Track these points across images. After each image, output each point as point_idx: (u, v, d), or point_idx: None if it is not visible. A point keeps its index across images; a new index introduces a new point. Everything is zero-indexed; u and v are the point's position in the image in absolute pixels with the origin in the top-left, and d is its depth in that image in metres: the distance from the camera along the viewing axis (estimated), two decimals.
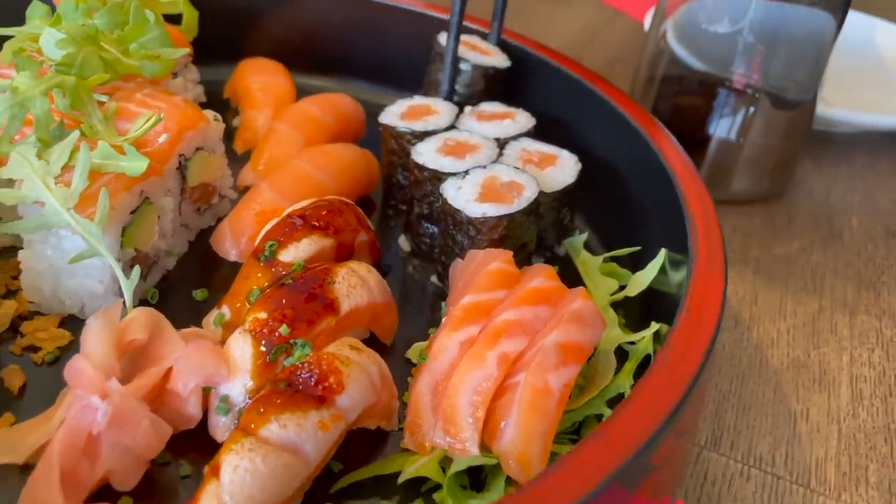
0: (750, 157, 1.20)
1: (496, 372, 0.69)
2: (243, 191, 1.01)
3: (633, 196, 0.95)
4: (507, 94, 1.08)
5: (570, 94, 1.06)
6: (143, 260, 0.84)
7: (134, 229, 0.81)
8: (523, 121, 1.00)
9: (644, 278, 0.84)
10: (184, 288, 0.89)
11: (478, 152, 0.92)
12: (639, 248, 0.90)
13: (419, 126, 0.97)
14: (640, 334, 0.78)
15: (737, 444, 0.83)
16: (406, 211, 0.97)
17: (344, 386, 0.65)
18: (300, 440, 0.62)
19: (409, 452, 0.71)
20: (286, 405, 0.63)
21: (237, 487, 0.58)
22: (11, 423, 0.71)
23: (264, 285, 0.77)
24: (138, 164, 0.77)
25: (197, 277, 0.91)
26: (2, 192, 0.75)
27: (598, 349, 0.78)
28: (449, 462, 0.68)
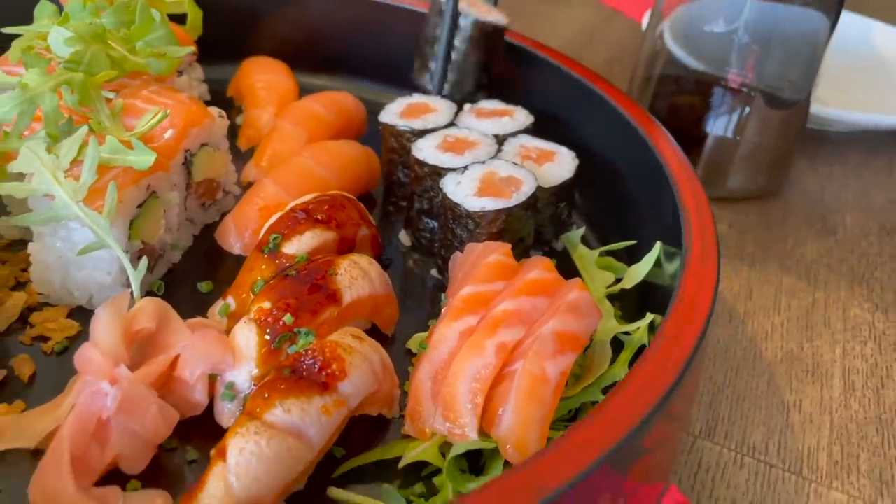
0: (745, 154, 1.21)
1: (494, 360, 0.71)
2: (247, 186, 1.03)
3: (630, 191, 0.97)
4: (506, 89, 1.10)
5: (568, 92, 1.07)
6: (150, 253, 0.86)
7: (141, 222, 0.83)
8: (522, 118, 1.02)
9: (639, 271, 0.86)
10: (189, 280, 0.90)
11: (477, 148, 0.94)
12: (634, 241, 0.92)
13: (418, 124, 0.99)
14: (635, 325, 0.80)
15: (731, 433, 0.85)
16: (406, 207, 0.99)
17: (346, 373, 0.67)
18: (304, 424, 0.63)
19: (409, 438, 0.72)
20: (290, 391, 0.64)
21: (243, 469, 0.60)
22: (22, 409, 0.73)
23: (268, 277, 0.79)
24: (146, 158, 0.79)
25: (202, 270, 0.93)
26: (13, 186, 0.77)
27: (594, 339, 0.80)
28: (448, 447, 0.69)
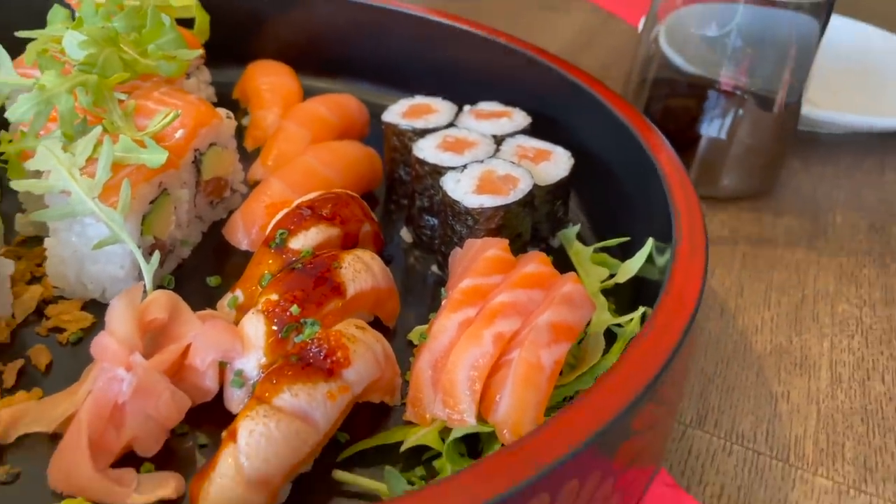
0: (738, 155, 1.24)
1: (492, 349, 0.74)
2: (253, 185, 1.06)
3: (624, 190, 1.00)
4: (504, 91, 1.13)
5: (564, 95, 1.10)
6: (161, 248, 0.89)
7: (153, 218, 0.86)
8: (520, 119, 1.06)
9: (632, 266, 0.89)
10: (198, 275, 0.94)
11: (476, 148, 0.98)
12: (628, 238, 0.95)
13: (420, 124, 1.03)
14: (627, 317, 0.83)
15: (720, 422, 0.88)
16: (407, 205, 1.03)
17: (350, 360, 0.70)
18: (310, 408, 0.67)
19: (410, 424, 0.76)
20: (297, 377, 0.68)
21: (253, 450, 0.64)
22: (39, 396, 0.76)
23: (275, 270, 0.83)
24: (158, 157, 0.82)
25: (210, 265, 0.96)
26: (31, 182, 0.81)
27: (588, 331, 0.84)
28: (448, 432, 0.72)
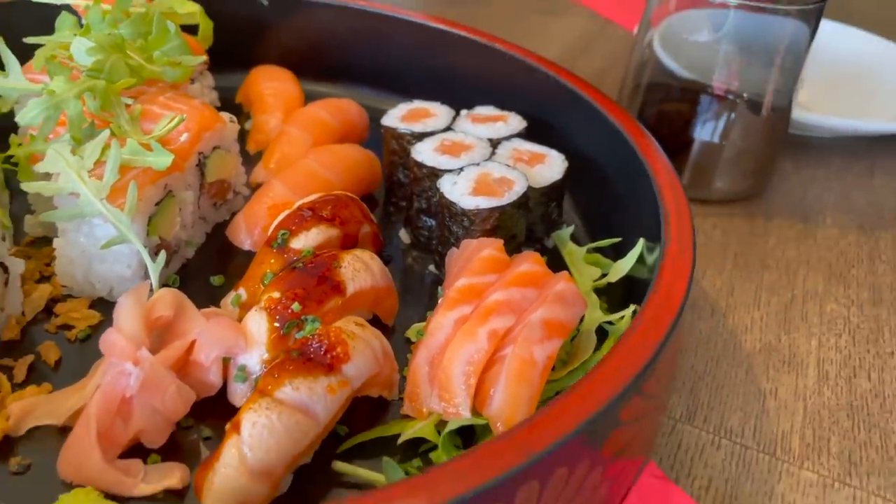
0: (730, 158, 1.27)
1: (486, 345, 0.76)
2: (255, 187, 1.08)
3: (616, 192, 1.02)
4: (501, 95, 1.16)
5: (559, 99, 1.13)
6: (166, 248, 0.92)
7: (158, 219, 0.89)
8: (515, 123, 1.08)
9: (624, 266, 0.91)
10: (202, 275, 0.96)
11: (472, 151, 1.00)
12: (620, 239, 0.98)
13: (418, 127, 1.05)
14: (618, 314, 0.86)
15: (709, 418, 0.90)
16: (406, 206, 1.05)
17: (350, 356, 0.73)
18: (311, 401, 0.69)
19: (408, 418, 0.78)
20: (298, 371, 0.70)
21: (256, 441, 0.66)
22: (49, 391, 0.78)
23: (277, 269, 0.85)
24: (164, 160, 0.85)
25: (214, 265, 0.99)
26: (41, 185, 0.83)
27: (580, 329, 0.86)
28: (444, 426, 0.75)
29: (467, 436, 0.77)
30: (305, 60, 1.35)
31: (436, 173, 0.97)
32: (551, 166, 1.01)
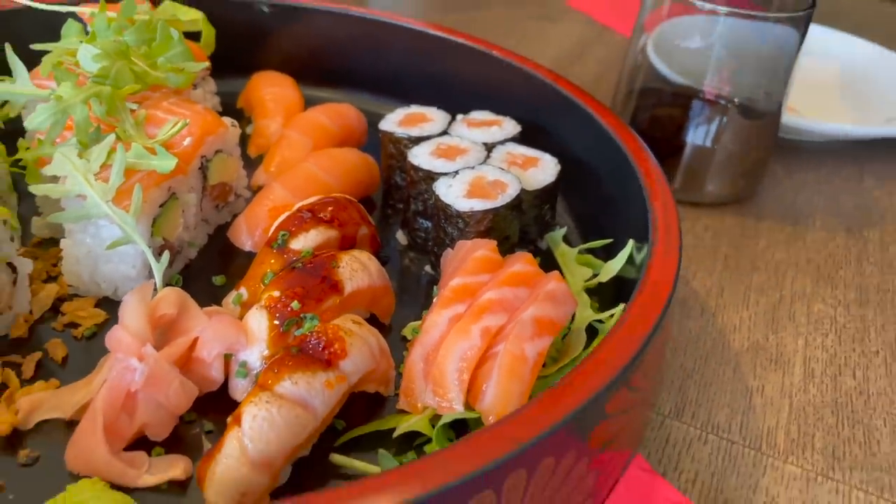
0: (721, 162, 1.29)
1: (479, 342, 0.79)
2: (256, 190, 1.11)
3: (608, 194, 1.05)
4: (496, 100, 1.19)
5: (553, 104, 1.16)
6: (170, 249, 0.94)
7: (162, 221, 0.92)
8: (510, 128, 1.11)
9: (614, 266, 0.94)
10: (204, 275, 0.99)
11: (467, 155, 1.03)
12: (611, 240, 1.00)
13: (415, 132, 1.08)
14: (607, 313, 0.88)
15: (697, 414, 0.93)
16: (403, 209, 1.08)
17: (347, 352, 0.75)
18: (309, 396, 0.72)
19: (403, 413, 0.81)
20: (297, 366, 0.73)
21: (256, 433, 0.69)
22: (56, 386, 0.81)
23: (277, 269, 0.88)
24: (168, 163, 0.87)
25: (216, 265, 1.01)
26: (49, 187, 0.86)
27: (571, 327, 0.89)
28: (438, 420, 0.78)
29: (460, 430, 0.79)
30: (305, 66, 1.37)
31: (432, 176, 1.00)
32: (544, 169, 1.03)
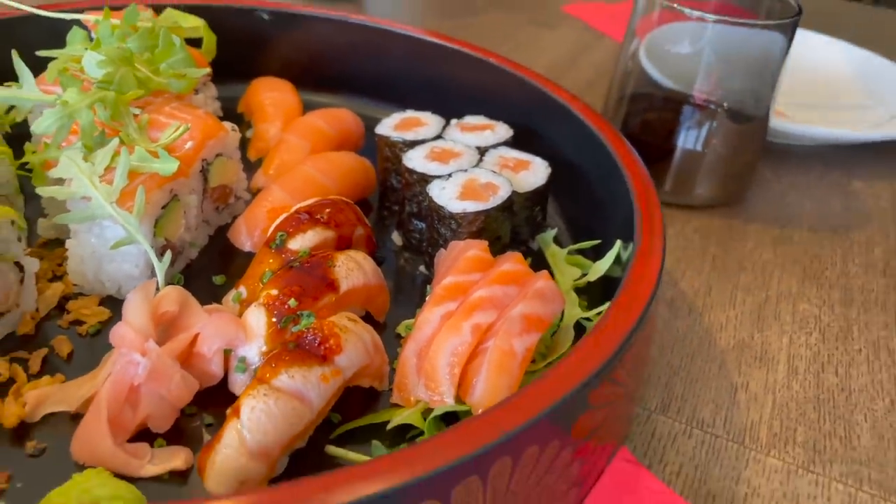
0: (711, 165, 1.32)
1: (470, 338, 0.82)
2: (256, 192, 1.14)
3: (596, 196, 1.08)
4: (489, 105, 1.22)
5: (544, 109, 1.19)
6: (171, 249, 0.97)
7: (164, 222, 0.95)
8: (502, 132, 1.14)
9: (602, 266, 0.97)
10: (204, 274, 1.02)
11: (460, 158, 1.06)
12: (599, 241, 1.03)
13: (410, 136, 1.11)
14: (594, 311, 0.91)
15: (682, 409, 0.95)
16: (398, 210, 1.11)
17: (342, 348, 0.78)
18: (305, 389, 0.74)
19: (397, 407, 0.84)
20: (294, 361, 0.75)
21: (254, 424, 0.71)
22: (62, 381, 0.84)
23: (276, 268, 0.91)
24: (170, 166, 0.90)
25: (216, 265, 1.04)
26: (56, 189, 0.89)
27: (560, 325, 0.92)
28: (430, 413, 0.80)
29: (451, 422, 0.81)
30: (304, 72, 1.41)
31: (426, 179, 1.03)
32: (535, 172, 1.06)
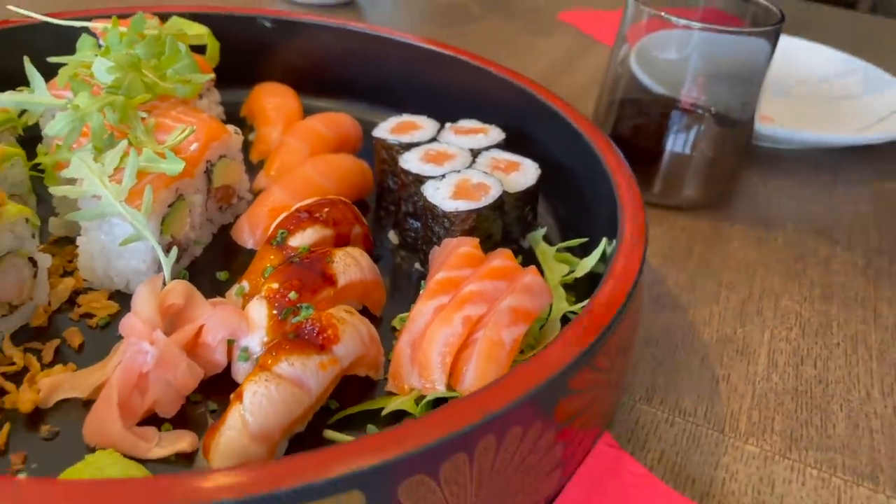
0: (698, 168, 1.37)
1: (461, 330, 0.86)
2: (258, 193, 1.18)
3: (584, 196, 1.12)
4: (483, 110, 1.26)
5: (535, 114, 1.23)
6: (177, 246, 1.01)
7: (170, 220, 0.99)
8: (495, 135, 1.19)
9: (589, 263, 1.01)
10: (209, 270, 1.06)
11: (454, 160, 1.10)
12: (587, 239, 1.08)
13: (406, 139, 1.16)
14: (580, 305, 0.95)
15: (665, 399, 1.00)
16: (395, 211, 1.15)
17: (339, 338, 0.83)
18: (304, 376, 0.79)
19: (391, 394, 0.88)
20: (294, 349, 0.80)
21: (256, 408, 0.76)
22: (73, 370, 0.88)
23: (276, 264, 0.95)
24: (176, 166, 0.95)
25: (219, 262, 1.09)
26: (68, 188, 0.94)
27: (548, 318, 0.96)
28: (423, 400, 0.85)
29: None
30: (305, 77, 1.45)
31: (421, 180, 1.07)
32: (525, 173, 1.11)
